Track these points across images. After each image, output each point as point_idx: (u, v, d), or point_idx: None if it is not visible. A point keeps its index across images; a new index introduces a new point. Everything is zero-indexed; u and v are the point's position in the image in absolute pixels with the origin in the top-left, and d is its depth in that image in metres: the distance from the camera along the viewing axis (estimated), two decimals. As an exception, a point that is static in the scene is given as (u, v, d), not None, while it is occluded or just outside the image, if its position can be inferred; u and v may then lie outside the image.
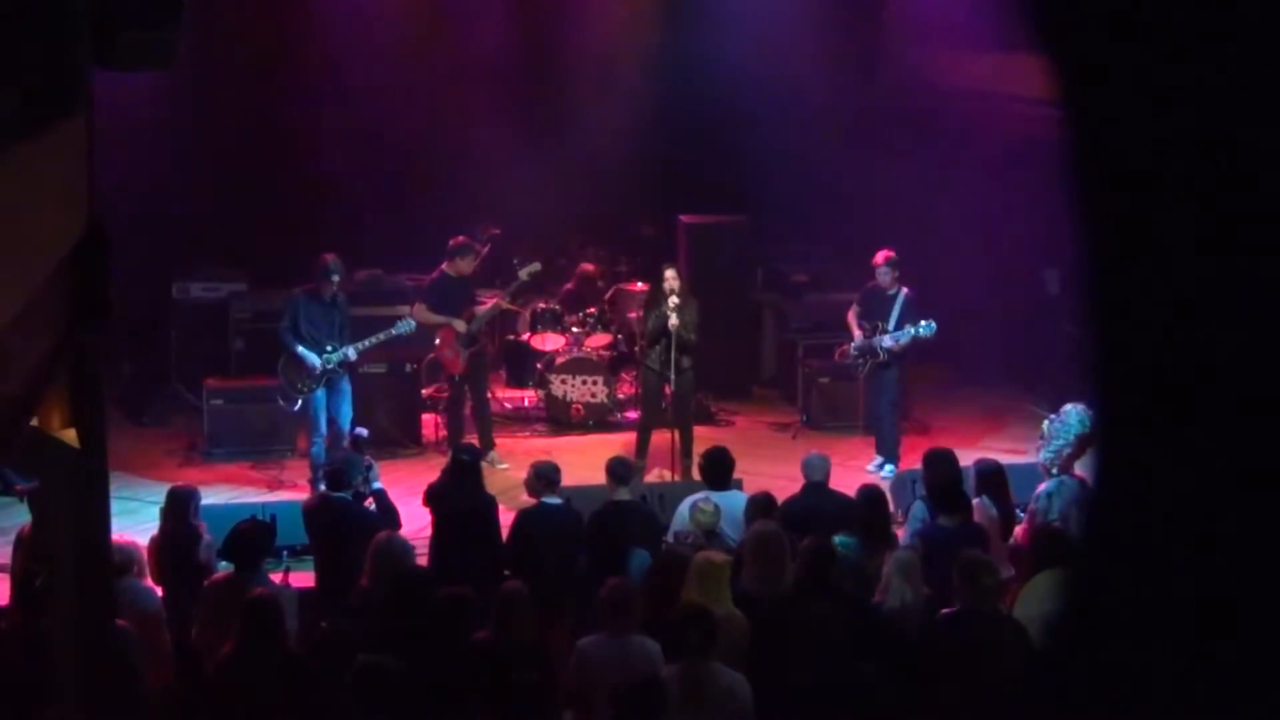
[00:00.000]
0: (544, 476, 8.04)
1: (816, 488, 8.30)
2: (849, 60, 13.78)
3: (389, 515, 8.06)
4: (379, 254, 13.31)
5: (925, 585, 6.94)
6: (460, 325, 11.19)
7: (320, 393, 10.51)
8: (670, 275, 10.68)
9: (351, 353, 10.54)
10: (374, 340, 10.64)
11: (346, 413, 10.61)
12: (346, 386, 10.70)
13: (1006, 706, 5.46)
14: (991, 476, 8.27)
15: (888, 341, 10.97)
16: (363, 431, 9.32)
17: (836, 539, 7.04)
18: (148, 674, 6.53)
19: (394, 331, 10.73)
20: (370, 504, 8.19)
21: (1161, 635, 1.58)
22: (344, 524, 7.83)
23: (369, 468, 8.33)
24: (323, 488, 8.50)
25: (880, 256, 11.11)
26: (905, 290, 11.03)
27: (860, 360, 11.21)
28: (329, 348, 10.43)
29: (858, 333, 11.20)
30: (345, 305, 10.81)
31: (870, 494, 8.01)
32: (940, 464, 8.30)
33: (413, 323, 10.93)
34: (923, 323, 10.82)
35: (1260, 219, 1.42)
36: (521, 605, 6.27)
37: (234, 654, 6.03)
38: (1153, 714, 1.60)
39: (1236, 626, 1.52)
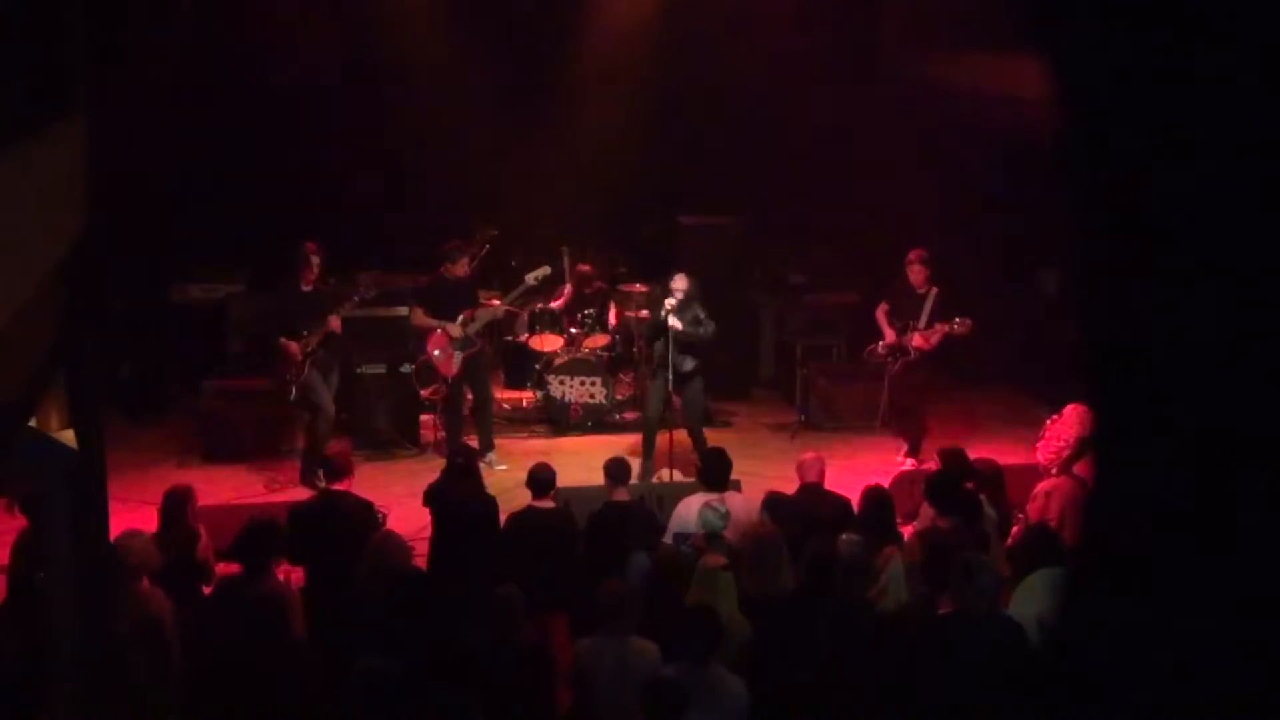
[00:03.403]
0: (533, 480, 8.04)
1: (812, 488, 8.30)
2: (848, 60, 13.79)
3: None
4: (378, 254, 13.31)
5: (924, 585, 6.94)
6: (455, 330, 11.18)
7: (316, 378, 10.57)
8: (677, 279, 10.66)
9: (320, 334, 10.54)
10: (341, 310, 10.64)
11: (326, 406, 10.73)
12: (332, 380, 10.80)
13: (1004, 706, 5.46)
14: (989, 477, 8.28)
15: (917, 340, 10.92)
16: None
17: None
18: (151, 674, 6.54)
19: (356, 299, 10.79)
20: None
21: (1159, 636, 1.58)
22: (344, 519, 7.82)
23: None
24: (322, 484, 8.50)
25: (913, 255, 11.06)
26: (936, 289, 11.00)
27: (890, 358, 11.16)
28: (305, 333, 10.49)
29: (889, 331, 11.13)
30: (329, 297, 10.84)
31: (875, 494, 8.00)
32: (946, 462, 8.31)
33: (374, 288, 11.03)
34: (956, 320, 10.78)
35: (1261, 219, 1.42)
36: (515, 607, 6.26)
37: (240, 653, 6.03)
38: (1150, 715, 1.60)
39: (1235, 627, 1.52)
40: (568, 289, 12.98)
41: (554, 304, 12.86)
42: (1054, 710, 1.76)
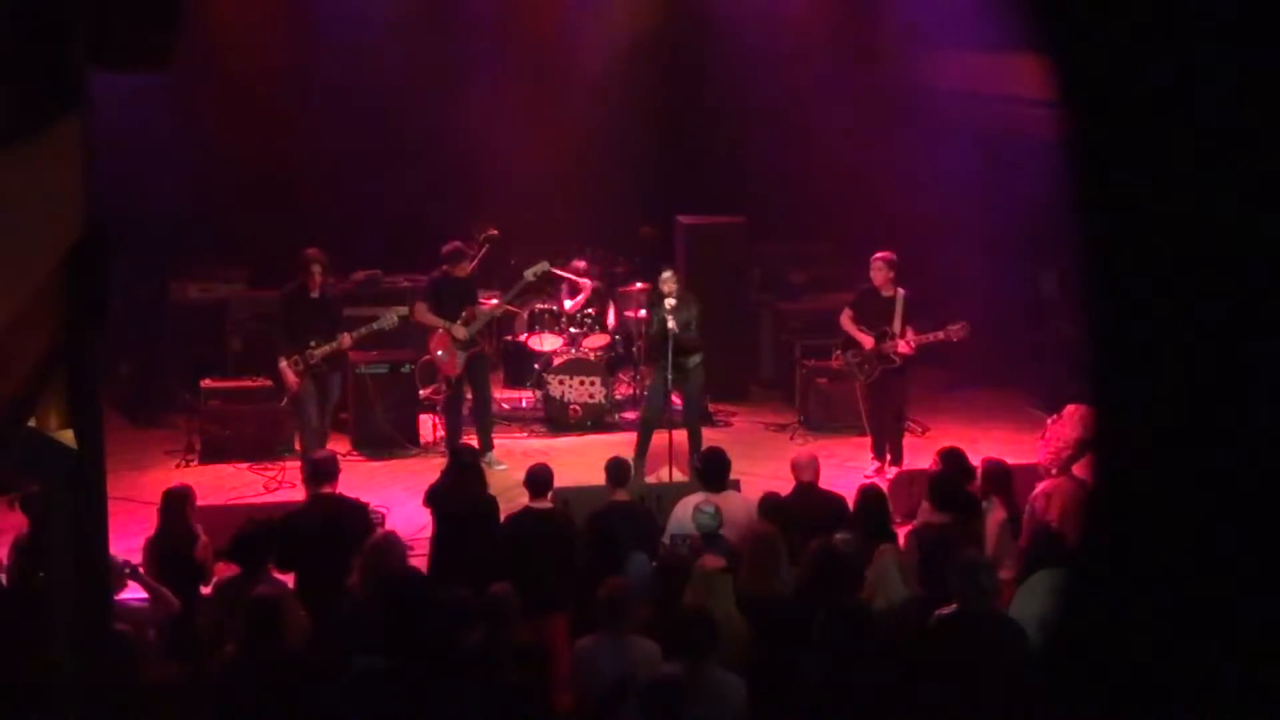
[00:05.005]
0: (531, 480, 8.04)
1: (807, 488, 8.29)
2: (848, 60, 13.79)
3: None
4: (378, 254, 13.31)
5: (918, 585, 6.94)
6: (460, 332, 11.16)
7: (309, 392, 10.54)
8: (666, 277, 10.64)
9: (329, 348, 10.52)
10: (358, 334, 10.64)
11: (320, 413, 10.68)
12: (331, 391, 10.75)
13: (1004, 707, 5.46)
14: (999, 476, 8.25)
15: (902, 347, 10.65)
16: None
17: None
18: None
19: (375, 326, 10.77)
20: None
21: (1159, 636, 1.58)
22: (338, 522, 7.81)
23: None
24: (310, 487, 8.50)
25: (878, 258, 10.88)
26: (903, 292, 10.80)
27: (865, 365, 10.93)
28: (312, 343, 10.44)
29: (861, 337, 10.86)
30: (335, 301, 10.84)
31: (870, 494, 8.01)
32: (946, 463, 8.31)
33: (395, 317, 10.97)
34: (951, 326, 10.56)
35: (1261, 219, 1.42)
36: (508, 605, 6.26)
37: (237, 654, 6.03)
38: (1150, 715, 1.60)
39: (1236, 628, 1.52)
40: (590, 286, 12.95)
41: (580, 296, 12.79)
42: (1054, 710, 1.76)
